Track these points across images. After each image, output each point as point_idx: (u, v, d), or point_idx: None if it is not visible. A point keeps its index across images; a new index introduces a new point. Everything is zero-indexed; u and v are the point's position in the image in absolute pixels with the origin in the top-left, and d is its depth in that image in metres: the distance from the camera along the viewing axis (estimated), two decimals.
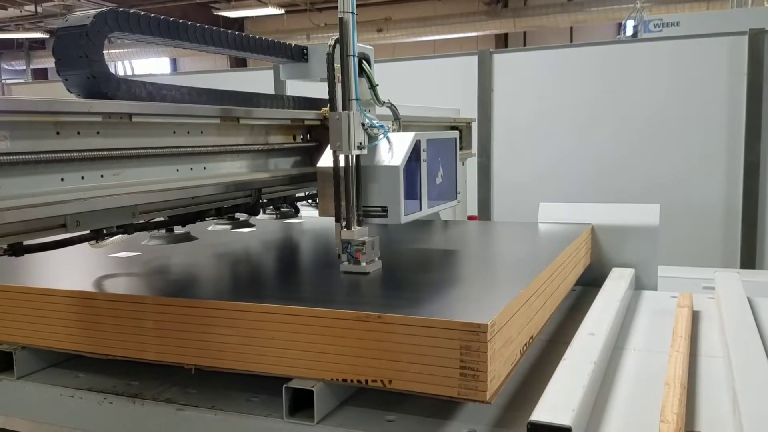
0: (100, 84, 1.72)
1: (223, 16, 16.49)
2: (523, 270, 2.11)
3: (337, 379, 1.50)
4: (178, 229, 2.19)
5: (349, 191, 2.00)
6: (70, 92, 1.77)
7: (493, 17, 14.23)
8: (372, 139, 2.08)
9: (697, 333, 2.14)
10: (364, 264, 1.99)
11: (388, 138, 2.10)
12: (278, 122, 2.39)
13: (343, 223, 2.00)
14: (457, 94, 5.33)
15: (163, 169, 1.85)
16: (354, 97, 2.00)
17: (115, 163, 1.69)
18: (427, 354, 1.43)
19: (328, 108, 2.22)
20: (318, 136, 2.41)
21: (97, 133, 1.65)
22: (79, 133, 1.59)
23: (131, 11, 1.85)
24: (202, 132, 1.99)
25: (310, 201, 2.98)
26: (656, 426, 1.41)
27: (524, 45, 16.47)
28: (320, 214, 2.13)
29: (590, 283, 2.65)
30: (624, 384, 1.74)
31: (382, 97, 2.29)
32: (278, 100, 2.50)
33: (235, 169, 2.14)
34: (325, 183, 2.07)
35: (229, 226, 2.43)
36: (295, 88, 6.05)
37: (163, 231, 2.16)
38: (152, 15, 1.94)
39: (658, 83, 5.16)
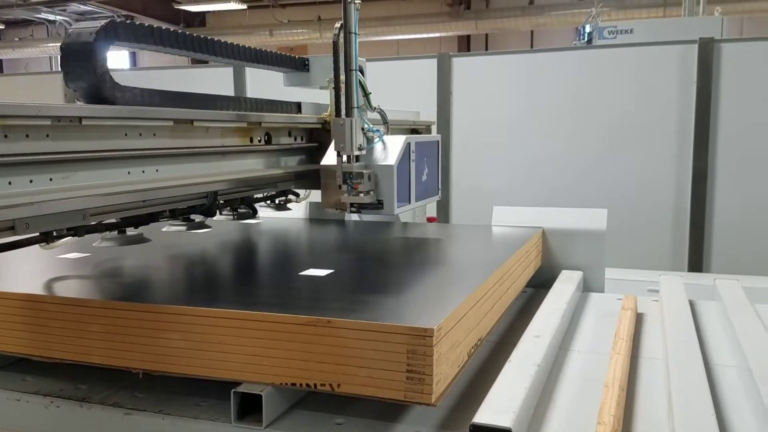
0: (106, 92, 1.84)
1: (185, 10, 16.27)
2: (473, 273, 2.16)
3: (286, 384, 1.51)
4: (132, 231, 2.17)
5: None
6: (78, 100, 1.89)
7: (456, 19, 14.33)
8: (369, 141, 2.42)
9: (639, 335, 2.21)
10: (362, 195, 2.33)
11: (383, 140, 2.44)
12: (235, 125, 2.40)
13: (344, 158, 2.34)
14: (417, 96, 5.38)
15: (114, 171, 1.84)
16: (356, 105, 2.36)
17: (65, 166, 1.68)
18: (375, 358, 1.45)
19: (328, 113, 2.68)
20: (318, 137, 2.76)
21: (47, 136, 1.63)
22: (27, 136, 1.58)
23: (139, 24, 2.01)
24: (154, 134, 1.99)
25: (268, 202, 2.98)
26: (594, 427, 1.46)
27: (486, 47, 16.65)
28: (324, 207, 2.48)
29: (541, 285, 2.72)
30: (567, 385, 1.79)
31: (373, 103, 2.62)
32: (235, 102, 2.51)
33: (188, 172, 2.14)
34: (328, 179, 2.41)
35: (184, 228, 2.42)
36: (255, 88, 6.04)
37: (115, 232, 2.14)
38: (163, 28, 2.12)
39: (611, 89, 5.28)
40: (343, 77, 2.38)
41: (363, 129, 2.38)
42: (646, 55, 5.17)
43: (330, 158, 2.42)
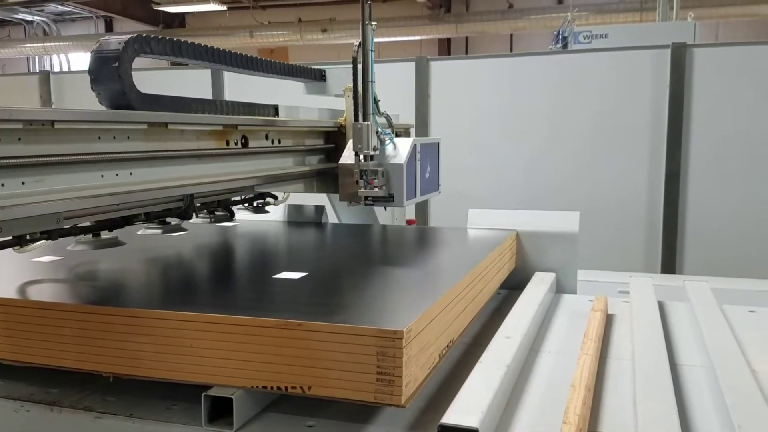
0: (130, 100, 1.99)
1: (164, 11, 16.17)
2: (446, 275, 2.19)
3: (258, 387, 1.53)
4: (106, 234, 2.17)
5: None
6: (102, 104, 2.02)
7: (436, 22, 14.39)
8: (382, 142, 2.75)
9: (609, 336, 2.25)
10: (376, 189, 2.66)
11: (393, 142, 2.78)
12: (210, 128, 2.40)
13: (362, 158, 2.67)
14: (396, 99, 5.40)
15: (88, 175, 1.84)
16: (372, 111, 2.69)
17: (38, 170, 1.68)
18: (346, 360, 1.47)
19: (343, 118, 3.06)
20: (335, 140, 3.08)
21: (19, 139, 1.63)
22: None
23: (164, 38, 2.19)
24: (128, 137, 1.99)
25: (246, 205, 2.99)
26: (560, 427, 1.49)
27: (466, 50, 16.72)
28: (341, 200, 2.78)
29: (515, 286, 2.75)
30: (536, 385, 1.82)
31: (381, 109, 2.89)
32: (211, 104, 2.51)
33: (164, 175, 2.14)
34: (346, 176, 2.74)
35: (159, 231, 2.41)
36: (234, 91, 6.03)
37: (90, 236, 2.14)
38: (194, 42, 2.37)
39: (587, 93, 5.34)
40: (360, 87, 2.71)
41: (377, 132, 2.70)
42: (620, 59, 5.23)
43: (347, 157, 2.75)
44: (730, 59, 5.02)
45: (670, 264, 5.09)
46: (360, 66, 2.72)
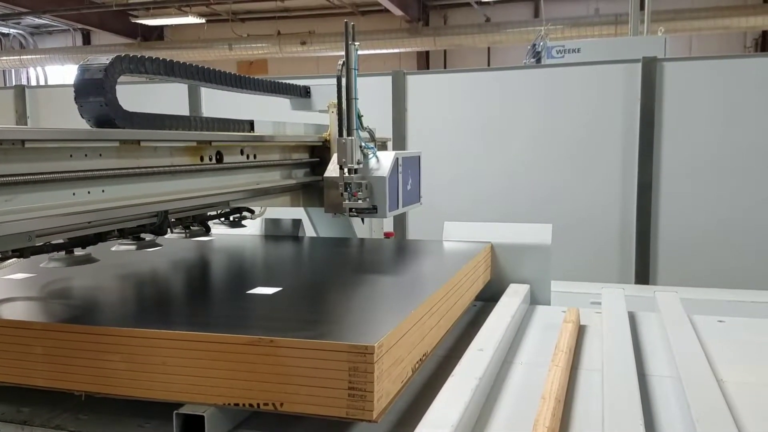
0: (115, 118, 2.04)
1: (142, 24, 16.12)
2: (419, 288, 2.21)
3: (229, 404, 1.53)
4: (80, 251, 2.16)
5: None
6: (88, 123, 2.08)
7: (414, 35, 14.51)
8: (365, 156, 2.86)
9: (581, 347, 2.28)
10: (360, 201, 2.78)
11: (376, 156, 2.89)
12: (184, 144, 2.41)
13: (346, 171, 2.79)
14: (373, 113, 5.43)
15: (59, 193, 1.84)
16: (356, 127, 2.79)
17: (8, 189, 1.67)
18: (318, 376, 1.48)
19: (327, 132, 3.16)
20: (319, 153, 3.19)
21: None
22: None
23: (147, 57, 2.25)
24: (100, 155, 1.99)
25: (222, 219, 2.99)
26: None
27: (444, 63, 16.86)
28: (326, 211, 2.90)
29: (491, 298, 2.77)
30: (508, 398, 1.84)
31: (364, 123, 2.98)
32: (185, 120, 2.52)
33: (137, 192, 2.14)
34: (330, 188, 2.88)
35: (133, 247, 2.41)
36: (211, 107, 6.03)
37: (63, 253, 2.13)
38: (178, 61, 2.43)
39: (560, 107, 5.41)
40: (344, 104, 2.80)
41: (360, 146, 2.80)
42: (593, 73, 5.32)
43: (331, 170, 2.87)
44: (699, 72, 5.13)
45: (643, 275, 5.16)
46: (344, 83, 2.80)
